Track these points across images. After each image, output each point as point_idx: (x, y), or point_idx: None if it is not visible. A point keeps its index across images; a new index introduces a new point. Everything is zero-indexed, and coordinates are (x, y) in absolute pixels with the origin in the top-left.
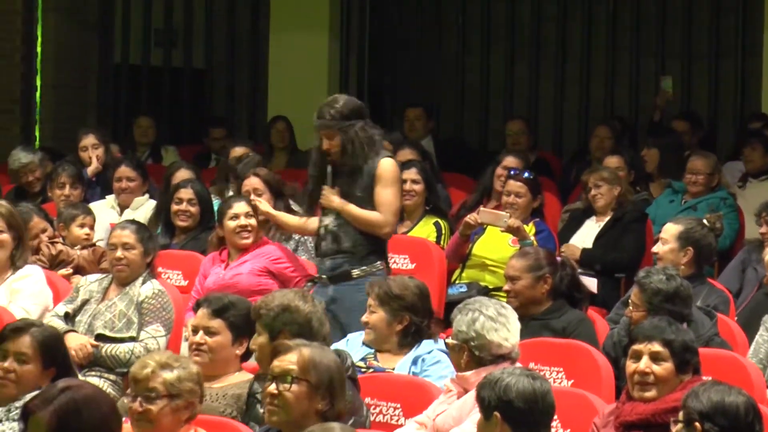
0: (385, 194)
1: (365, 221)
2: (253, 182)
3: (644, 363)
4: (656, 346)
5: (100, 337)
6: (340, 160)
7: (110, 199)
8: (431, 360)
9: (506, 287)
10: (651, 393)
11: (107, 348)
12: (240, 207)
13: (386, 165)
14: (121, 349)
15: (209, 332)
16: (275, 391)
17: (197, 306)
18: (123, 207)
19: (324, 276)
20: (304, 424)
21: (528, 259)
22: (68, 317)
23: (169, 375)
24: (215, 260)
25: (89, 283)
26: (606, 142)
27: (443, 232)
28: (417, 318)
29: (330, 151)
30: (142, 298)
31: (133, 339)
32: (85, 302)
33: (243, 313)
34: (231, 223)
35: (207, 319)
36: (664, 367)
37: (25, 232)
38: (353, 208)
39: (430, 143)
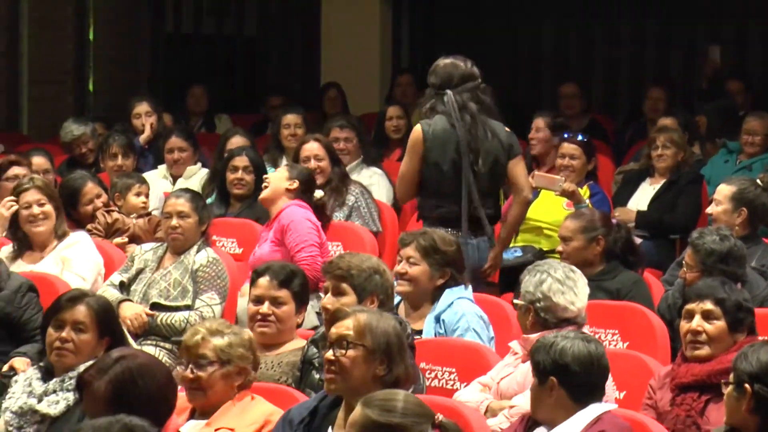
0: None
1: None
2: (313, 147)
3: (696, 322)
4: (708, 305)
5: (155, 306)
6: None
7: (162, 168)
8: (453, 318)
9: (559, 248)
10: (703, 351)
11: (163, 317)
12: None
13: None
14: (177, 318)
15: (277, 302)
16: (332, 357)
17: (256, 275)
18: (175, 177)
19: None
20: (363, 390)
21: (582, 220)
22: (123, 286)
23: (219, 341)
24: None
25: (144, 252)
26: (660, 104)
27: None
28: (457, 273)
29: None
30: (197, 266)
31: (188, 307)
32: (140, 271)
33: (303, 282)
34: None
35: (274, 289)
36: (716, 326)
37: (60, 202)
38: None
39: None
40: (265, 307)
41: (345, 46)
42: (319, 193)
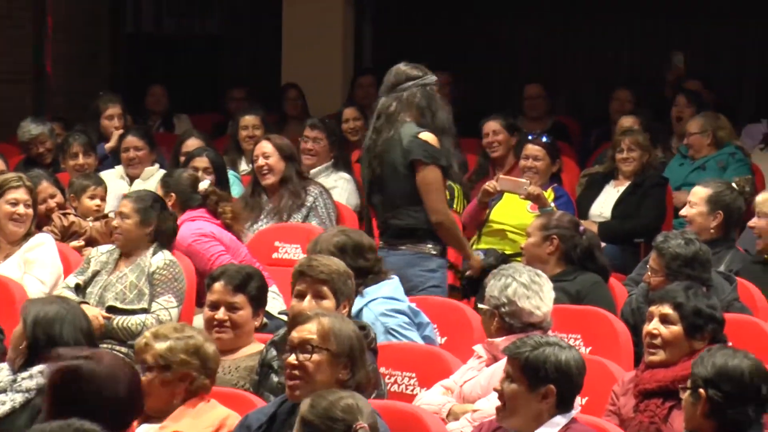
0: None
1: None
2: (261, 146)
3: (653, 325)
4: (666, 309)
5: (111, 309)
6: None
7: (119, 169)
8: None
9: (522, 244)
10: (658, 356)
11: (119, 320)
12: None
13: None
14: (133, 321)
15: (233, 308)
16: (296, 362)
17: (211, 280)
18: (132, 177)
19: None
20: None
21: (544, 218)
22: (79, 289)
23: (160, 346)
24: None
25: (100, 254)
26: (626, 106)
27: (455, 195)
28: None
29: None
30: (153, 268)
31: (144, 311)
32: (96, 273)
33: (260, 284)
34: None
35: (228, 294)
36: (672, 331)
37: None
38: None
39: None
40: (221, 313)
41: (307, 46)
42: (203, 185)
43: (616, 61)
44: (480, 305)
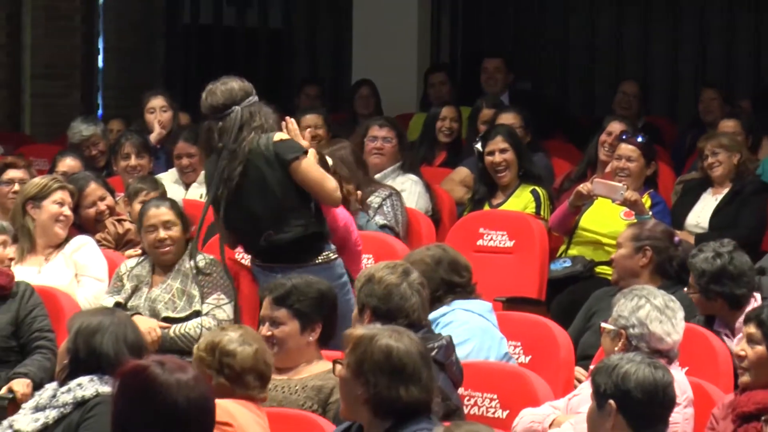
0: None
1: None
2: None
3: (741, 345)
4: (751, 328)
5: (165, 320)
6: None
7: (173, 172)
8: None
9: (613, 255)
10: (745, 378)
11: (175, 328)
12: None
13: None
14: (190, 326)
15: (275, 323)
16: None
17: (263, 293)
18: (188, 183)
19: None
20: (359, 413)
21: (637, 228)
22: (120, 307)
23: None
24: None
25: (130, 269)
26: (713, 105)
27: (542, 200)
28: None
29: None
30: (199, 268)
31: (197, 313)
32: (135, 288)
33: (309, 298)
34: None
35: (270, 309)
36: (756, 351)
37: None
38: None
39: (505, 98)
40: (265, 329)
41: (379, 40)
42: None
43: (712, 59)
44: (604, 324)
